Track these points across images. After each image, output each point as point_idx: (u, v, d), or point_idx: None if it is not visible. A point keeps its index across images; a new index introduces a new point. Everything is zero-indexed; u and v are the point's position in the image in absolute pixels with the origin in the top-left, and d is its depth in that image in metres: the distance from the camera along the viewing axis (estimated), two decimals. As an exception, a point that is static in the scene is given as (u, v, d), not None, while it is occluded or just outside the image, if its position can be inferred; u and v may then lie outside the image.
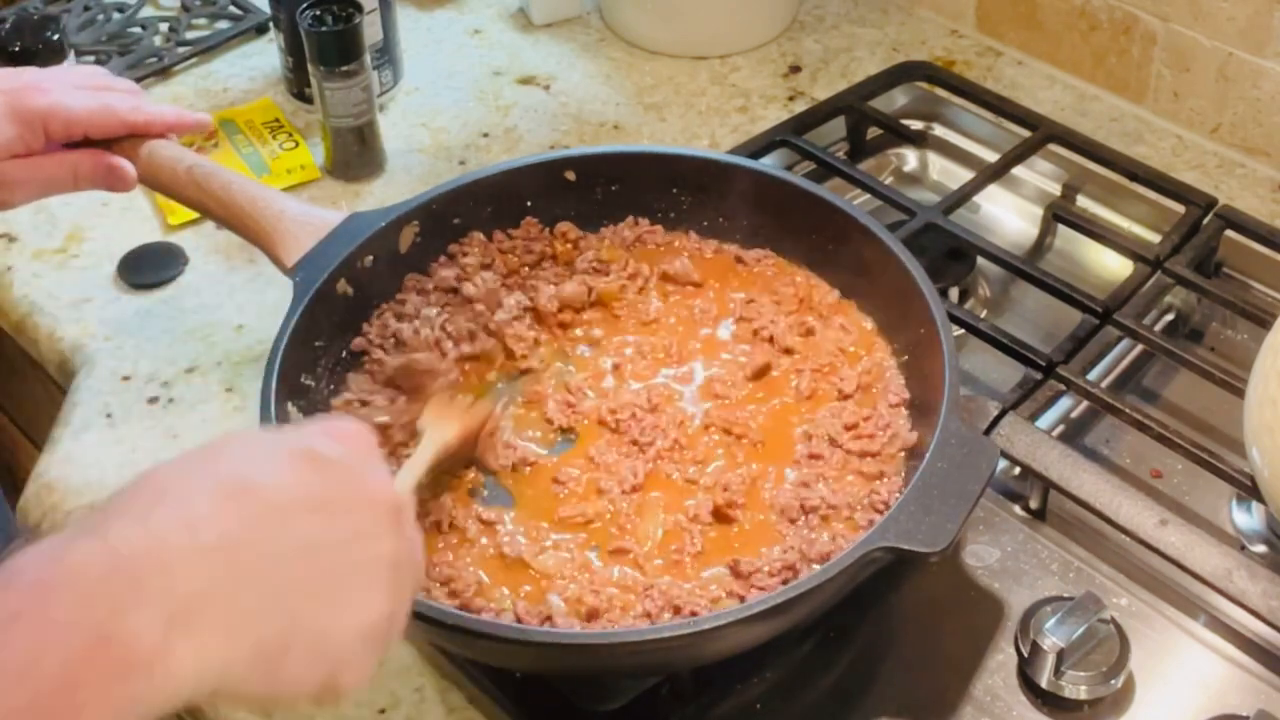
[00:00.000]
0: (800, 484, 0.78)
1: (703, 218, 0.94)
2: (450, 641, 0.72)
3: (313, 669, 0.52)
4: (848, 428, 0.81)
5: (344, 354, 0.85)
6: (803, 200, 0.91)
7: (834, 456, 0.80)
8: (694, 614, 0.71)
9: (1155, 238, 1.03)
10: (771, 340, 0.87)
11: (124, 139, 0.88)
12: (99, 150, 0.87)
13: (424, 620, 0.67)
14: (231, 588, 0.50)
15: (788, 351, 0.86)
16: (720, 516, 0.77)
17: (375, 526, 0.56)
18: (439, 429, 0.77)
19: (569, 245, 0.93)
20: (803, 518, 0.76)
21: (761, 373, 0.85)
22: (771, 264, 0.92)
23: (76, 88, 0.87)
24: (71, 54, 1.10)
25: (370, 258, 0.86)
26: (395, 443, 0.80)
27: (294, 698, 0.54)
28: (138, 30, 1.29)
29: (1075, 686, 0.74)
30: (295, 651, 0.52)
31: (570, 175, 0.93)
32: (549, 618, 0.71)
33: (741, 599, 0.72)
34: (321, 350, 0.84)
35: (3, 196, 0.86)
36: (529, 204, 0.93)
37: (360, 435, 0.59)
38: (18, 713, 0.44)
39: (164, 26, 1.29)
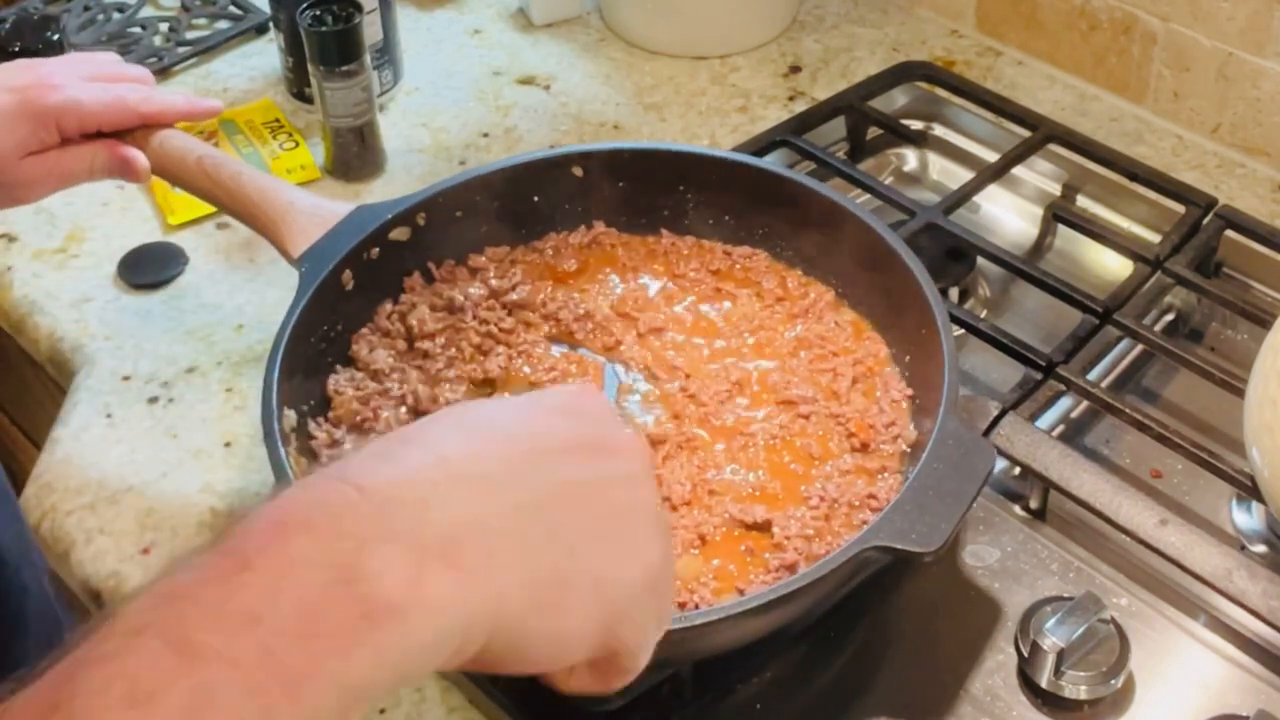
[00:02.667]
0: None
1: (706, 216, 0.94)
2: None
3: (593, 613, 0.47)
4: (851, 435, 0.81)
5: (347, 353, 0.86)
6: (804, 198, 0.91)
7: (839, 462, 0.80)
8: (696, 606, 0.71)
9: (1155, 238, 1.03)
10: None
11: (136, 129, 0.88)
12: (113, 141, 0.87)
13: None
14: (495, 520, 0.45)
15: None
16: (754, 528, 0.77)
17: (633, 471, 0.51)
18: None
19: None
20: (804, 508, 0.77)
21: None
22: (764, 263, 0.93)
23: (88, 79, 0.87)
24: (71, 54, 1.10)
25: (376, 249, 0.87)
26: None
27: (578, 649, 0.48)
28: (138, 30, 1.29)
29: (1075, 686, 0.74)
30: (574, 593, 0.46)
31: (578, 171, 0.93)
32: None
33: (741, 592, 0.72)
34: (326, 348, 0.84)
35: (20, 194, 0.86)
36: (535, 199, 0.93)
37: (599, 394, 0.57)
38: (245, 671, 0.38)
39: (164, 26, 1.29)
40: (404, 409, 0.83)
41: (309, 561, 0.40)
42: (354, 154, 1.12)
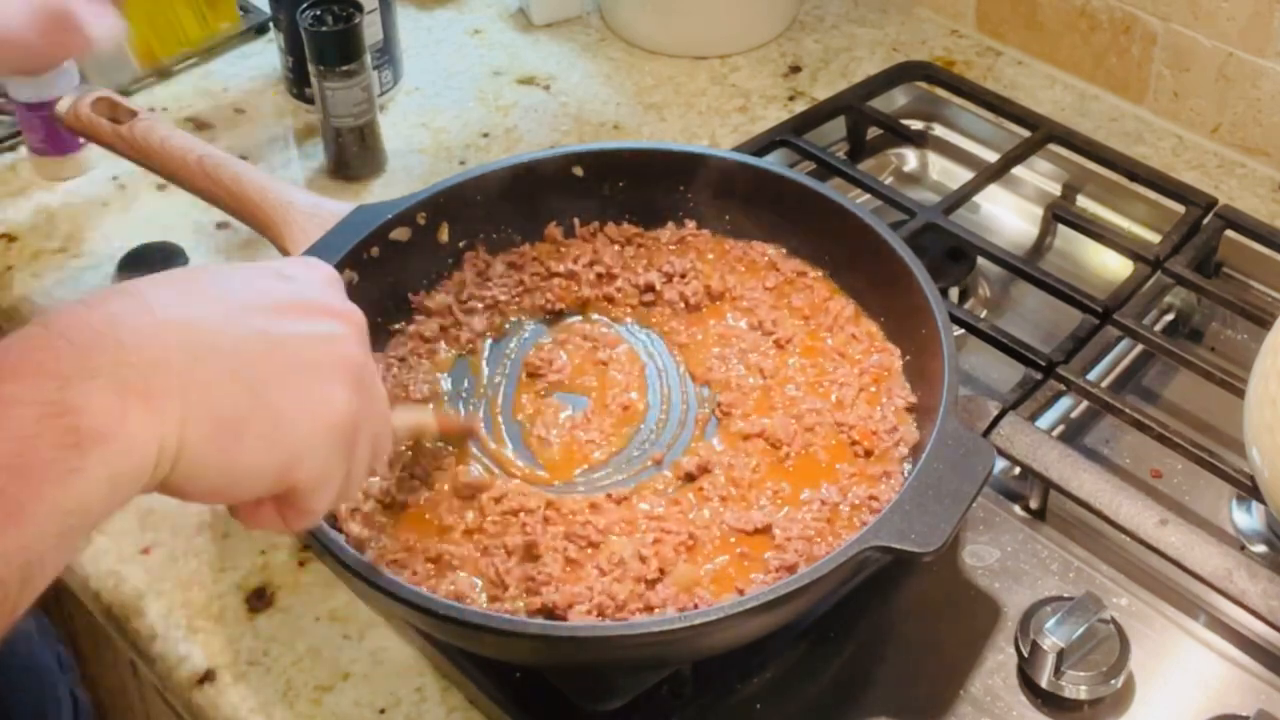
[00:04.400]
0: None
1: (705, 216, 0.94)
2: (446, 634, 0.73)
3: (271, 452, 0.52)
4: (853, 442, 0.81)
5: None
6: (804, 198, 0.91)
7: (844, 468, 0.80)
8: (696, 606, 0.71)
9: (1155, 238, 1.03)
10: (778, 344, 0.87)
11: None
12: None
13: (421, 612, 0.67)
14: (189, 360, 0.49)
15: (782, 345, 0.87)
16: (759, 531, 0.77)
17: (338, 332, 0.56)
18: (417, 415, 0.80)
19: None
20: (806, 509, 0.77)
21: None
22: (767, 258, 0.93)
23: None
24: (71, 54, 1.10)
25: (376, 249, 0.87)
26: None
27: (252, 483, 0.53)
28: (138, 30, 1.29)
29: (1075, 686, 0.74)
30: (253, 429, 0.51)
31: (578, 171, 0.93)
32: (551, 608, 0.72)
33: (741, 592, 0.72)
34: None
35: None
36: (536, 199, 0.93)
37: (325, 266, 0.60)
38: None
39: (164, 26, 1.29)
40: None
41: (19, 401, 0.45)
42: (354, 154, 1.12)
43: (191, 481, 0.51)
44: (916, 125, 1.16)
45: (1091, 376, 0.91)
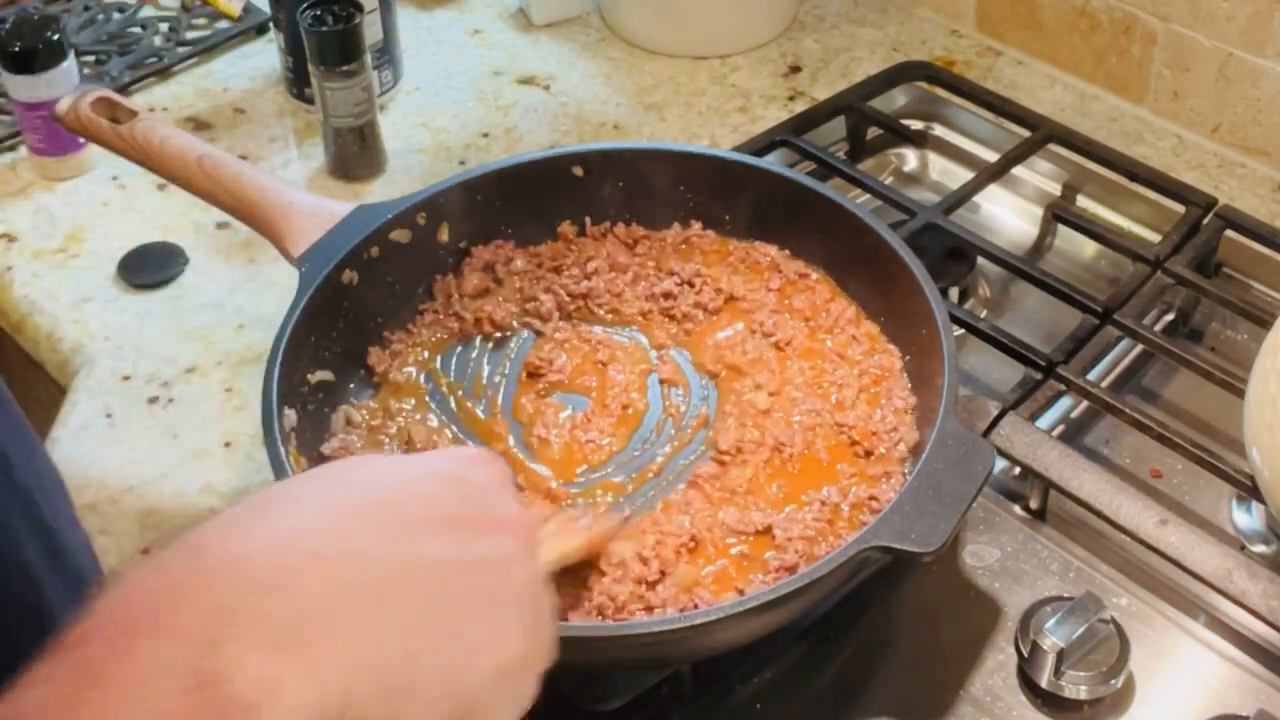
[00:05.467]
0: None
1: (705, 216, 0.94)
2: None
3: (440, 703, 0.45)
4: (854, 442, 0.81)
5: (353, 352, 0.86)
6: (804, 198, 0.91)
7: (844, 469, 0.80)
8: (695, 606, 0.71)
9: (1155, 238, 1.03)
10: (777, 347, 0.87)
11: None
12: None
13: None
14: (348, 603, 0.43)
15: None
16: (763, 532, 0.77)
17: (511, 552, 0.50)
18: (563, 541, 0.70)
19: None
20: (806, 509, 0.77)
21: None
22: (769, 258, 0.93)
23: None
24: (71, 54, 1.10)
25: (376, 249, 0.87)
26: None
27: None
28: (138, 30, 1.29)
29: (1075, 686, 0.74)
30: (423, 682, 0.45)
31: (578, 171, 0.93)
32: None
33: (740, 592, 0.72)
34: (326, 348, 0.84)
35: None
36: (536, 199, 0.93)
37: (497, 462, 0.55)
38: None
39: (164, 26, 1.29)
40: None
41: (160, 670, 0.39)
42: (354, 154, 1.12)
43: None
44: (916, 125, 1.16)
45: (1091, 376, 0.91)
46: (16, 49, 1.08)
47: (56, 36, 1.08)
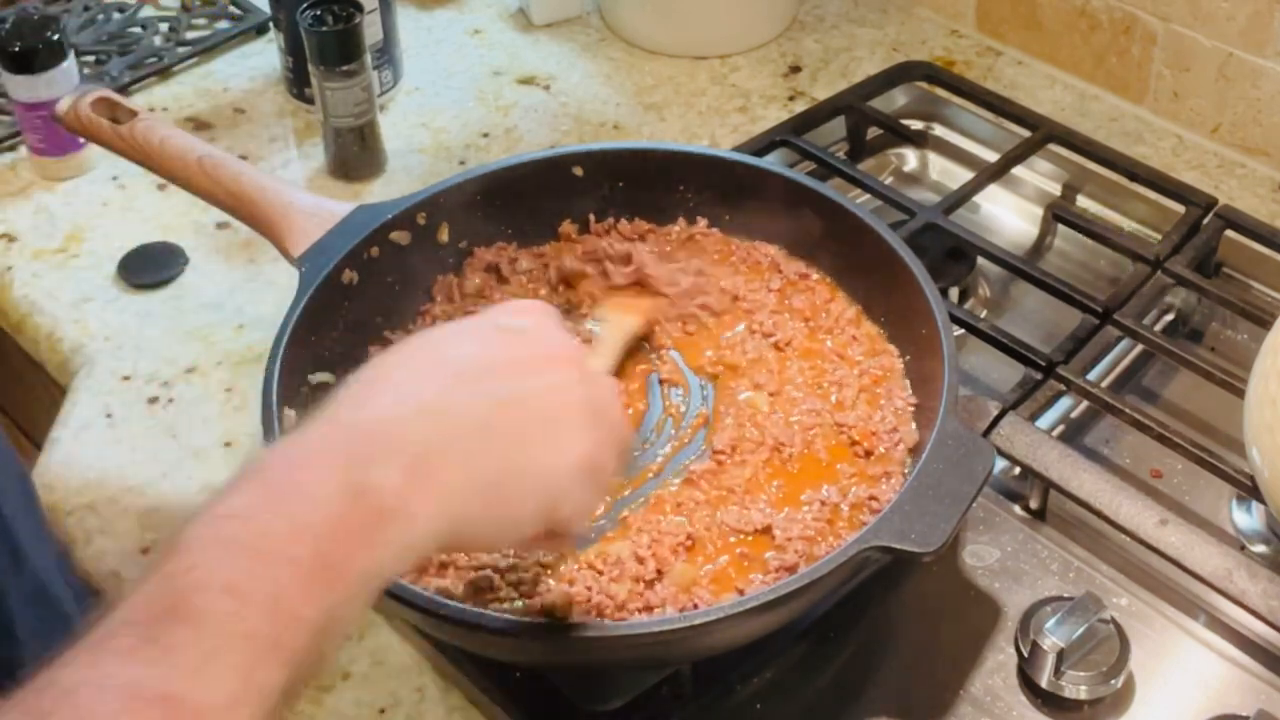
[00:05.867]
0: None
1: (705, 215, 0.94)
2: (445, 633, 0.73)
3: (530, 502, 0.59)
4: (854, 442, 0.81)
5: (353, 352, 0.86)
6: (804, 198, 0.91)
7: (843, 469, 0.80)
8: (695, 606, 0.71)
9: (1155, 238, 1.03)
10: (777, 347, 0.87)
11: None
12: None
13: (419, 611, 0.67)
14: (447, 442, 0.56)
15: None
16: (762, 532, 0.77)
17: (564, 380, 0.62)
18: (624, 317, 0.83)
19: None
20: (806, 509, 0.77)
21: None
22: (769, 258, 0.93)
23: None
24: (71, 54, 1.10)
25: (376, 249, 0.87)
26: None
27: (521, 531, 0.60)
28: (138, 30, 1.29)
29: (1075, 686, 0.74)
30: (512, 488, 0.58)
31: (578, 171, 0.93)
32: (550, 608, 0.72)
33: (741, 591, 0.72)
34: (326, 348, 0.84)
35: None
36: (536, 199, 0.93)
37: (541, 308, 0.66)
38: (300, 564, 0.50)
39: (164, 26, 1.29)
40: None
41: (327, 482, 0.52)
42: (354, 154, 1.12)
43: (469, 540, 0.61)
44: (916, 125, 1.16)
45: (1091, 376, 0.91)
46: (16, 49, 1.08)
47: (56, 36, 1.09)
